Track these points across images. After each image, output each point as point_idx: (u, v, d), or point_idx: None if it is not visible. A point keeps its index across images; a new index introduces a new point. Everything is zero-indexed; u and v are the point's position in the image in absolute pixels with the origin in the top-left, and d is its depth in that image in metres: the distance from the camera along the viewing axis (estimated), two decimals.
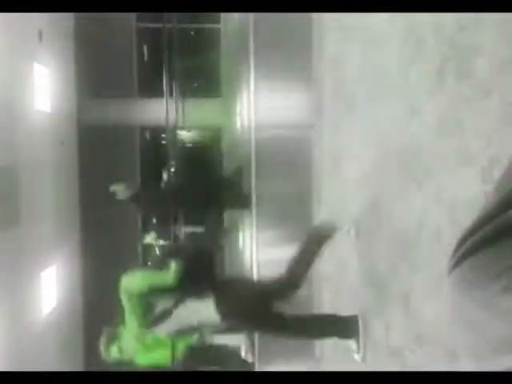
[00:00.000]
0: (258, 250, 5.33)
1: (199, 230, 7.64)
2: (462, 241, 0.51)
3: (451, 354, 1.53)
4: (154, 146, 9.47)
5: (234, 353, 4.92)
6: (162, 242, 7.77)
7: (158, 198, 5.69)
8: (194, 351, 3.17)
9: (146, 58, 9.27)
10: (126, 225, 8.76)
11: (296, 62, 3.72)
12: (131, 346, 2.75)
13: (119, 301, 2.59)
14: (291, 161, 3.99)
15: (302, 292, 2.66)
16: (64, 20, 7.84)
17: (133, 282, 2.55)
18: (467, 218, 1.51)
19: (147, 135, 9.50)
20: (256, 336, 4.84)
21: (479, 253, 0.48)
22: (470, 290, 0.48)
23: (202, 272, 2.78)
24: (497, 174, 1.31)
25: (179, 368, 3.18)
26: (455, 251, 0.51)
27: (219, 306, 2.50)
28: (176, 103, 7.14)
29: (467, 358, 0.50)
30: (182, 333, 2.64)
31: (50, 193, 7.03)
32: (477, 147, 1.42)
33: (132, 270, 2.74)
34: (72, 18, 8.12)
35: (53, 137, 7.21)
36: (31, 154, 6.33)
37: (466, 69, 1.46)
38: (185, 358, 3.04)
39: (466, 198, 1.46)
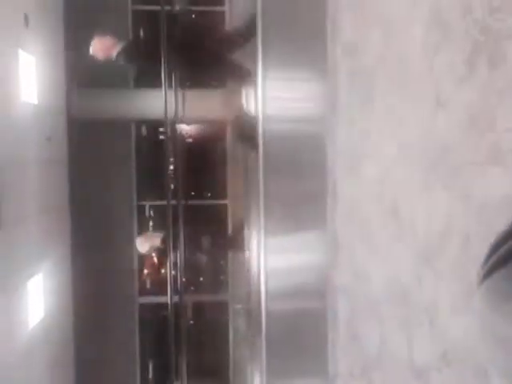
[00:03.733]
0: (266, 257, 5.33)
1: None
2: (494, 249, 0.51)
3: (481, 373, 1.53)
4: (151, 142, 9.51)
5: None
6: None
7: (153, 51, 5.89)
8: None
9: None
10: (120, 227, 8.80)
11: (308, 49, 3.72)
12: None
13: None
14: (303, 158, 4.00)
15: (316, 305, 2.67)
16: (52, 3, 7.88)
17: None
18: (499, 222, 1.51)
19: (143, 130, 9.54)
20: (263, 355, 4.85)
21: None
22: (502, 303, 0.48)
23: None
24: None
25: None
26: (486, 260, 0.51)
27: None
28: (175, 94, 7.16)
29: (499, 378, 0.50)
30: None
31: (36, 193, 7.08)
32: (510, 143, 1.41)
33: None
34: (61, 1, 8.17)
35: (39, 131, 7.25)
36: (15, 150, 6.37)
37: (499, 56, 1.46)
38: None
39: (498, 199, 1.46)
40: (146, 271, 9.63)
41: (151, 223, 9.63)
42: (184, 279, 7.02)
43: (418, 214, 2.04)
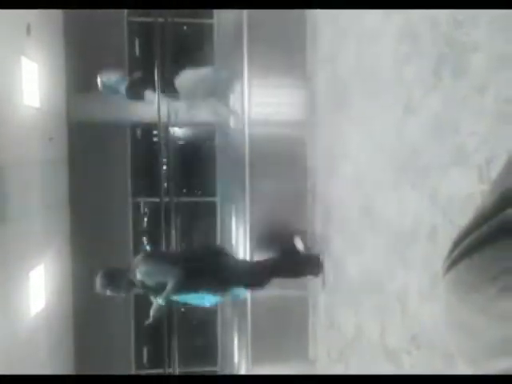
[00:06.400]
0: (251, 251, 5.33)
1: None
2: (458, 241, 0.50)
3: (448, 355, 1.54)
4: (146, 143, 9.44)
5: None
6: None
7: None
8: None
9: (137, 53, 9.22)
10: (117, 223, 8.73)
11: (290, 59, 3.72)
12: None
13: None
14: (285, 159, 3.99)
15: (298, 293, 2.67)
16: (53, 14, 7.78)
17: None
18: (463, 217, 1.52)
19: (138, 132, 9.46)
20: (249, 340, 4.85)
21: (475, 254, 0.48)
22: (466, 291, 0.47)
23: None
24: (493, 172, 1.32)
25: None
26: (451, 252, 0.51)
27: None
28: (168, 100, 7.11)
29: (464, 362, 0.50)
30: None
31: (38, 191, 6.99)
32: (473, 146, 1.42)
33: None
34: (61, 12, 8.06)
35: (41, 133, 7.16)
36: (19, 151, 6.28)
37: (462, 66, 1.46)
38: None
39: (462, 197, 1.47)
40: None
41: (146, 219, 9.56)
42: None
43: (390, 210, 2.05)
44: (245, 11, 5.25)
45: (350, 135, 2.52)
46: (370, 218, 2.26)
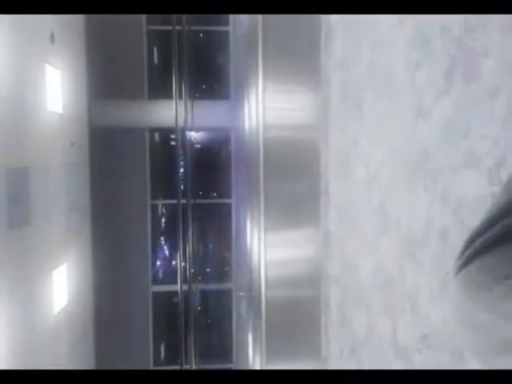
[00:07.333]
0: (265, 251, 5.33)
1: None
2: (469, 242, 0.51)
3: (458, 354, 1.53)
4: (164, 147, 9.51)
5: None
6: None
7: None
8: None
9: (155, 61, 9.31)
10: (136, 224, 8.80)
11: (304, 64, 3.72)
12: None
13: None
14: (298, 162, 3.99)
15: (311, 292, 2.67)
16: (75, 23, 7.89)
17: None
18: (474, 219, 1.51)
19: (156, 136, 9.54)
20: (263, 338, 4.84)
21: (486, 254, 0.48)
22: (477, 291, 0.47)
23: None
24: (503, 175, 1.31)
25: None
26: (462, 252, 0.51)
27: None
28: (185, 105, 7.16)
29: (473, 358, 0.50)
30: None
31: (60, 193, 7.08)
32: (483, 149, 1.41)
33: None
34: (83, 21, 8.17)
35: (64, 138, 7.26)
36: (42, 155, 6.37)
37: (474, 71, 1.45)
38: None
39: (473, 199, 1.46)
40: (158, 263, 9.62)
41: (163, 220, 9.63)
42: (192, 270, 7.02)
43: (402, 211, 2.04)
44: (260, 18, 5.26)
45: (362, 138, 2.52)
46: (382, 219, 2.25)
